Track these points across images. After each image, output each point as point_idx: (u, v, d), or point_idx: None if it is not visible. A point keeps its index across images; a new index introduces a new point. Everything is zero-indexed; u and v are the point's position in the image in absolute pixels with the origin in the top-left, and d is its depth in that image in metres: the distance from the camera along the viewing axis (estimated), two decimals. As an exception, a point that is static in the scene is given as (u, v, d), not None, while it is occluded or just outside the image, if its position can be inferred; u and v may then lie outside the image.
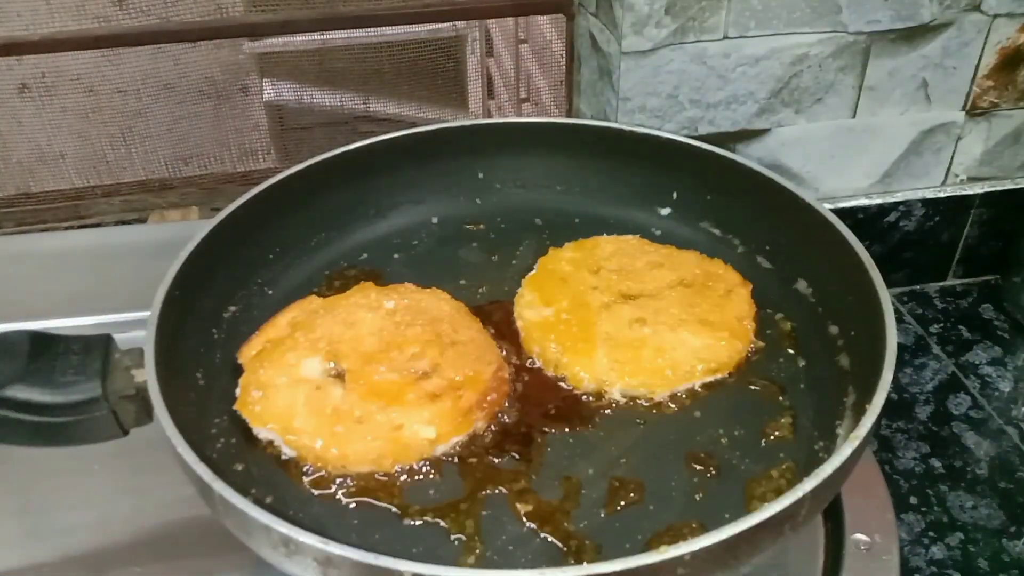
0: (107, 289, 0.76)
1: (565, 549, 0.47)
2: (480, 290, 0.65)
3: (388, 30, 1.52)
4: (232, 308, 0.61)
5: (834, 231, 0.58)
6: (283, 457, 0.52)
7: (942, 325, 0.85)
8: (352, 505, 0.50)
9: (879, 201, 0.86)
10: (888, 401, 0.46)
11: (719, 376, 0.57)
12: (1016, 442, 0.72)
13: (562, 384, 0.57)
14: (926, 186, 0.87)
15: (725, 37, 0.74)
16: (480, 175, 0.72)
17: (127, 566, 0.58)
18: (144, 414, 0.51)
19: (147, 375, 0.49)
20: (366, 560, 0.39)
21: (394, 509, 0.49)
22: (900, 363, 0.49)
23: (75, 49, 0.91)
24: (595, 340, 0.57)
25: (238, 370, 0.56)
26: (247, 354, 0.57)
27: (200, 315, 0.58)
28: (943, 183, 0.87)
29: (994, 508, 0.66)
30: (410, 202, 0.71)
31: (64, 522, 0.60)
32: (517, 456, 0.52)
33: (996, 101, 0.83)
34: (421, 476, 0.51)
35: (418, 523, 0.48)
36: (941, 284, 0.92)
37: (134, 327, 0.54)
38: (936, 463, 0.70)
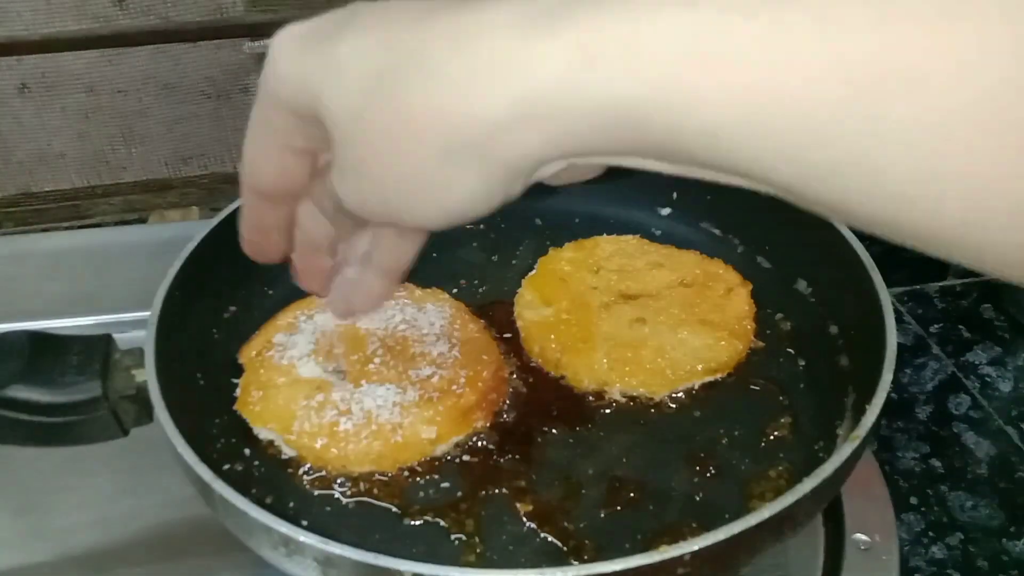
0: (107, 289, 0.75)
1: (565, 549, 0.47)
2: (480, 290, 0.65)
3: (388, 30, 1.52)
4: (232, 308, 0.61)
5: (834, 231, 0.58)
6: (283, 457, 0.52)
7: (942, 325, 0.85)
8: (352, 505, 0.50)
9: (879, 201, 0.86)
10: (888, 401, 0.46)
11: (719, 376, 0.57)
12: (1016, 442, 0.72)
13: (562, 384, 0.57)
14: (926, 186, 0.87)
15: (725, 37, 0.74)
16: (480, 175, 0.72)
17: (127, 566, 0.57)
18: (144, 414, 0.51)
19: (147, 375, 0.49)
20: (366, 560, 0.39)
21: (394, 509, 0.49)
22: (900, 363, 0.49)
23: (75, 49, 0.91)
24: (595, 340, 0.57)
25: (238, 370, 0.56)
26: (247, 354, 0.57)
27: (200, 315, 0.58)
28: (943, 183, 0.87)
29: (994, 508, 0.66)
30: (410, 202, 0.71)
31: (64, 522, 0.60)
32: (517, 456, 0.52)
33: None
34: (421, 476, 0.51)
35: (418, 523, 0.48)
36: (941, 284, 0.91)
37: (134, 327, 0.54)
38: (936, 463, 0.70)
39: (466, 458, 0.52)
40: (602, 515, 0.49)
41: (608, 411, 0.55)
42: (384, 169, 0.29)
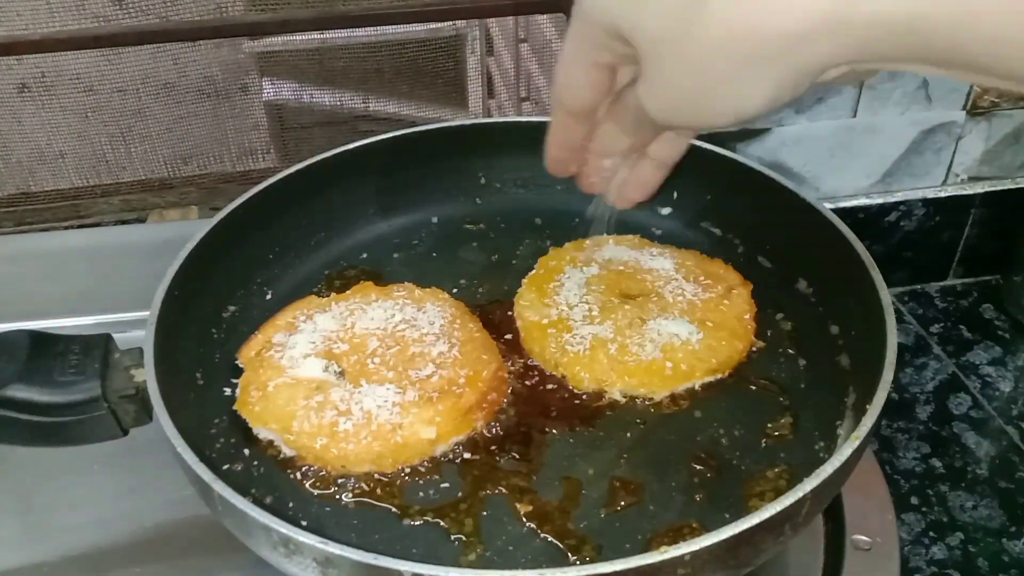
0: (107, 289, 0.75)
1: (565, 549, 0.47)
2: (480, 290, 0.65)
3: (388, 29, 1.52)
4: (232, 308, 0.61)
5: (835, 231, 0.58)
6: (283, 457, 0.52)
7: (942, 325, 0.85)
8: (352, 505, 0.49)
9: (879, 201, 0.86)
10: (888, 401, 0.46)
11: (719, 376, 0.57)
12: (1016, 442, 0.72)
13: (562, 384, 0.57)
14: (927, 186, 0.87)
15: (725, 37, 0.74)
16: (480, 175, 0.72)
17: (127, 566, 0.57)
18: (144, 414, 0.51)
19: (147, 375, 0.49)
20: (366, 560, 0.39)
21: (394, 509, 0.49)
22: (900, 363, 0.49)
23: (75, 49, 0.91)
24: (595, 340, 0.57)
25: (238, 370, 0.56)
26: (247, 354, 0.57)
27: (200, 315, 0.58)
28: (944, 183, 0.87)
29: (994, 508, 0.66)
30: (410, 202, 0.71)
31: (64, 522, 0.60)
32: (517, 456, 0.52)
33: (996, 100, 0.83)
34: (421, 476, 0.51)
35: (418, 523, 0.48)
36: (942, 284, 0.92)
37: (134, 327, 0.54)
38: (936, 463, 0.70)
39: (466, 457, 0.52)
40: (602, 515, 0.49)
41: (608, 411, 0.55)
42: (691, 81, 0.34)
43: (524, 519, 0.49)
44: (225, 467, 0.51)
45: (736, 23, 0.31)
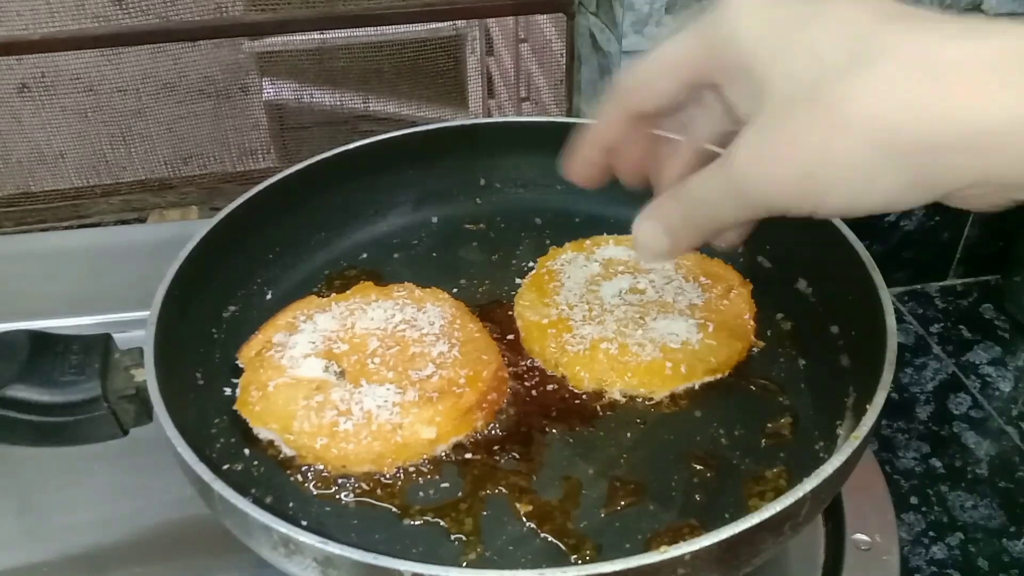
0: (107, 289, 0.76)
1: (565, 549, 0.47)
2: (480, 290, 0.65)
3: (388, 29, 1.52)
4: (232, 308, 0.61)
5: (834, 231, 0.58)
6: (283, 457, 0.52)
7: (942, 325, 0.85)
8: (352, 505, 0.50)
9: (879, 201, 0.86)
10: (888, 401, 0.46)
11: (719, 376, 0.57)
12: (1016, 442, 0.72)
13: (562, 384, 0.57)
14: (926, 186, 0.87)
15: (725, 37, 0.74)
16: (480, 175, 0.72)
17: (127, 566, 0.58)
18: (144, 414, 0.51)
19: (147, 375, 0.49)
20: (366, 560, 0.39)
21: (394, 509, 0.49)
22: (900, 363, 0.49)
23: (75, 49, 0.91)
24: (595, 340, 0.57)
25: (238, 370, 0.56)
26: (247, 354, 0.57)
27: (200, 315, 0.58)
28: (943, 183, 0.87)
29: (994, 508, 0.66)
30: (410, 202, 0.71)
31: (64, 522, 0.60)
32: (517, 456, 0.52)
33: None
34: (421, 476, 0.51)
35: (418, 523, 0.48)
36: (942, 284, 0.91)
37: (134, 327, 0.54)
38: (936, 463, 0.70)
39: (466, 457, 0.52)
40: (602, 515, 0.49)
41: (608, 411, 0.55)
42: (807, 152, 0.29)
43: (524, 519, 0.49)
44: (225, 467, 0.51)
45: (884, 106, 0.27)
